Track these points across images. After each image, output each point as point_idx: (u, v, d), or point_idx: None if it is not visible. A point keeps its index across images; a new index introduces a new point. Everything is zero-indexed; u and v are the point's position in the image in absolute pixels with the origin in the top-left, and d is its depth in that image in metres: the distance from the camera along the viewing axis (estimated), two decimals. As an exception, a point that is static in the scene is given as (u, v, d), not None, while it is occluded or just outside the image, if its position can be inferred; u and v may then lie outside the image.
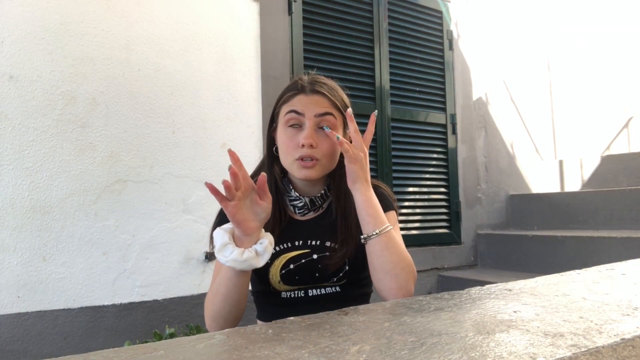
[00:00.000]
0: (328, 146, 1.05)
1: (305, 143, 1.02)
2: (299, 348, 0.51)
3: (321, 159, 1.04)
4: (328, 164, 1.06)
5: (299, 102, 1.06)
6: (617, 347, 0.49)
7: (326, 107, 1.06)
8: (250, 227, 0.89)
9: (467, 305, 0.68)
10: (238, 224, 0.88)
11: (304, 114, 1.05)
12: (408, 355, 0.46)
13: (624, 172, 3.46)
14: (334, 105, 1.08)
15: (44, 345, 1.84)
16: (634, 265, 1.00)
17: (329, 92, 1.09)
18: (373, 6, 2.96)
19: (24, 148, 1.86)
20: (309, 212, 1.12)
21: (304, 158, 1.03)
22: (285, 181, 1.13)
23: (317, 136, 1.04)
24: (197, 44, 2.27)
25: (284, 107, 1.08)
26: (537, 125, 3.90)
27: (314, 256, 1.08)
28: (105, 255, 1.99)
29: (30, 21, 1.89)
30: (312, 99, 1.07)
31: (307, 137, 1.02)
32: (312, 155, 1.02)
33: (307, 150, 1.02)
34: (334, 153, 1.06)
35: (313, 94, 1.07)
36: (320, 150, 1.04)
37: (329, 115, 1.06)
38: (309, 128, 1.03)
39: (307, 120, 1.04)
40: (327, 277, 1.07)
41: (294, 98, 1.08)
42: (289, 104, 1.07)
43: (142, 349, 0.54)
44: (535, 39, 3.96)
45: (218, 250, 0.89)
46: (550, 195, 3.42)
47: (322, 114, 1.05)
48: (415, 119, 3.14)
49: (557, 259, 2.79)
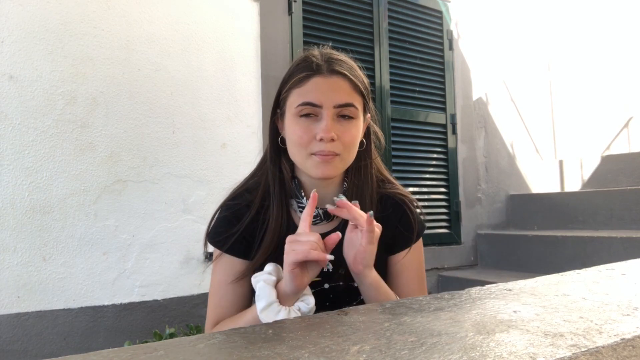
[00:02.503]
0: (350, 137, 0.88)
1: (325, 137, 0.85)
2: (299, 348, 0.51)
3: (342, 153, 0.88)
4: (349, 158, 0.91)
5: (315, 88, 0.88)
6: (617, 347, 0.49)
7: (348, 93, 0.89)
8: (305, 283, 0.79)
9: (467, 305, 0.68)
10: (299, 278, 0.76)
11: (322, 105, 0.86)
12: (408, 355, 0.46)
13: (624, 172, 3.46)
14: (356, 90, 0.90)
15: (44, 345, 1.84)
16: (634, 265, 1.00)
17: (350, 73, 0.91)
18: (373, 6, 2.96)
19: (24, 148, 1.86)
20: (322, 221, 0.96)
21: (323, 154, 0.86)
22: (295, 183, 0.95)
23: (337, 126, 0.87)
24: (197, 44, 2.27)
25: (294, 92, 0.89)
26: (537, 125, 3.90)
27: (326, 285, 0.93)
28: (105, 255, 1.99)
29: (30, 21, 1.89)
30: (331, 82, 0.88)
31: (327, 130, 0.85)
32: (333, 151, 0.86)
33: (326, 145, 0.86)
34: (355, 145, 0.91)
35: (332, 75, 0.88)
36: (342, 143, 0.87)
37: (350, 107, 0.88)
38: (327, 118, 0.86)
39: (324, 111, 0.86)
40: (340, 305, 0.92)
41: (308, 82, 0.88)
42: (302, 90, 0.88)
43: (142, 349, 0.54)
44: (535, 39, 3.96)
45: (262, 309, 0.77)
46: (550, 195, 3.42)
47: (343, 104, 0.87)
48: (415, 119, 3.14)
49: (557, 259, 2.79)
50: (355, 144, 0.91)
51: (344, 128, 0.88)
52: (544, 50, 4.05)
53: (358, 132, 0.91)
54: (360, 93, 0.91)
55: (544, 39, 4.06)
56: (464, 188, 3.34)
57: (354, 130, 0.89)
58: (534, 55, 3.96)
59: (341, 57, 0.94)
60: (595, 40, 4.46)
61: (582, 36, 4.38)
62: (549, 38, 4.10)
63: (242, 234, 0.94)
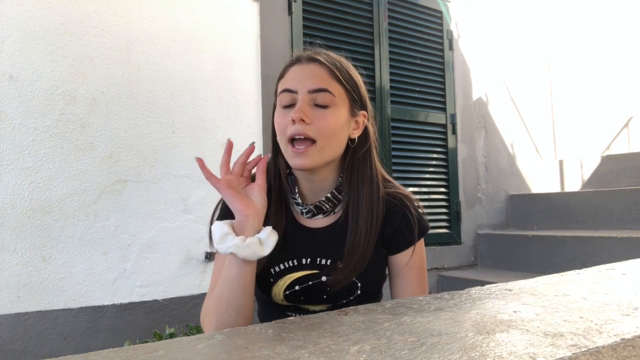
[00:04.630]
0: (325, 123, 0.87)
1: (295, 117, 0.86)
2: (299, 348, 0.51)
3: (318, 139, 0.87)
4: (327, 147, 0.89)
5: (293, 75, 0.91)
6: (617, 347, 0.49)
7: (323, 79, 0.89)
8: (250, 206, 0.84)
9: (467, 305, 0.68)
10: (236, 201, 0.84)
11: (297, 90, 0.88)
12: (408, 355, 0.46)
13: (624, 172, 3.45)
14: (334, 78, 0.90)
15: (44, 345, 1.84)
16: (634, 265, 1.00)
17: (329, 61, 0.91)
18: (373, 6, 2.96)
19: (24, 148, 1.85)
20: (317, 215, 0.97)
21: (295, 137, 0.87)
22: (291, 179, 0.97)
23: (311, 112, 0.87)
24: (197, 44, 2.27)
25: (279, 84, 0.94)
26: (537, 125, 3.90)
27: (323, 278, 0.93)
28: (105, 255, 1.99)
29: (30, 21, 1.88)
30: (307, 69, 0.90)
31: (297, 110, 0.86)
32: (305, 133, 0.86)
33: (297, 127, 0.86)
34: (334, 133, 0.89)
35: (309, 63, 0.91)
36: (316, 127, 0.87)
37: (324, 92, 0.88)
38: (300, 102, 0.87)
39: (299, 96, 0.88)
40: (336, 298, 0.94)
41: (289, 71, 0.93)
42: (283, 80, 0.92)
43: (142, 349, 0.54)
44: (535, 39, 3.96)
45: (218, 241, 0.82)
46: (550, 195, 3.42)
47: (316, 89, 0.88)
48: (415, 119, 3.14)
49: (557, 259, 2.79)
50: (333, 133, 0.89)
51: (318, 114, 0.88)
52: (543, 51, 4.05)
53: (336, 120, 0.89)
54: (339, 81, 0.90)
55: (544, 39, 4.06)
56: (464, 188, 3.34)
57: (330, 117, 0.88)
58: (534, 55, 3.96)
59: (328, 52, 0.95)
60: (595, 41, 4.46)
61: (582, 36, 4.38)
62: (549, 38, 4.10)
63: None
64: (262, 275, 0.94)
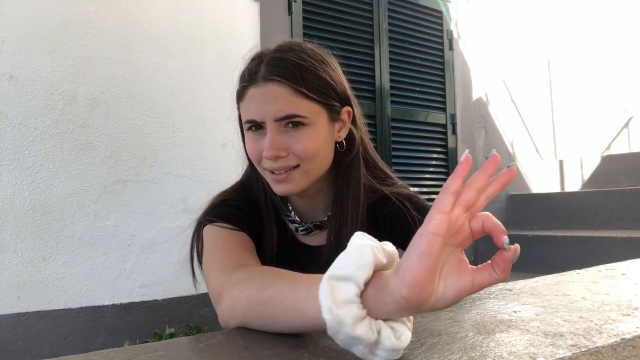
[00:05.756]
0: (302, 147, 0.77)
1: (268, 156, 0.76)
2: (299, 348, 0.51)
3: (302, 164, 0.78)
4: (312, 169, 0.80)
5: (253, 101, 0.78)
6: (617, 347, 0.49)
7: (288, 102, 0.76)
8: (428, 291, 0.40)
9: (467, 305, 0.68)
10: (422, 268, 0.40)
11: (263, 120, 0.77)
12: (408, 355, 0.46)
13: (624, 172, 3.45)
14: (300, 94, 0.77)
15: (44, 345, 1.84)
16: (634, 265, 1.00)
17: (289, 75, 0.76)
18: (373, 6, 2.96)
19: (24, 148, 1.85)
20: (313, 231, 0.89)
21: (274, 171, 0.78)
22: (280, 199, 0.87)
23: (284, 139, 0.77)
24: (197, 44, 2.27)
25: (240, 107, 0.82)
26: (537, 125, 3.90)
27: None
28: (105, 255, 1.99)
29: (30, 21, 1.88)
30: (267, 93, 0.76)
31: (269, 148, 0.75)
32: (285, 167, 0.77)
33: (274, 163, 0.77)
34: (315, 152, 0.79)
35: (266, 84, 0.76)
36: (295, 154, 0.77)
37: (293, 117, 0.76)
38: (269, 133, 0.76)
39: (267, 125, 0.77)
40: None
41: (246, 95, 0.79)
42: (243, 105, 0.80)
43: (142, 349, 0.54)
44: (535, 39, 3.96)
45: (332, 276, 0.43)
46: (550, 195, 3.42)
47: (282, 117, 0.76)
48: (415, 119, 3.14)
49: (557, 259, 2.79)
50: (315, 152, 0.78)
51: (293, 139, 0.77)
52: (544, 50, 4.05)
53: (315, 139, 0.78)
54: (306, 97, 0.77)
55: (544, 39, 4.06)
56: (464, 188, 3.34)
57: (307, 138, 0.77)
58: (534, 55, 3.96)
59: (285, 55, 0.79)
60: (595, 40, 4.46)
61: (582, 36, 4.38)
62: (549, 38, 4.10)
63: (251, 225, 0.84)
64: None
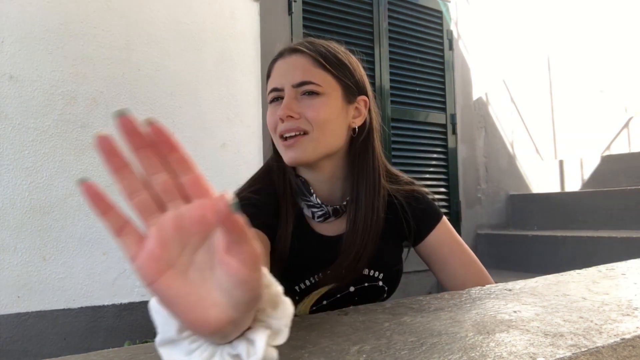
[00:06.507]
0: (314, 113, 0.81)
1: (281, 115, 0.81)
2: (299, 348, 0.51)
3: (311, 131, 0.81)
4: (322, 137, 0.82)
5: (277, 72, 0.86)
6: (617, 347, 0.49)
7: (306, 70, 0.83)
8: (204, 318, 0.35)
9: (467, 305, 0.68)
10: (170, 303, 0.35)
11: (282, 87, 0.84)
12: (408, 355, 0.46)
13: (624, 172, 3.45)
14: (319, 65, 0.84)
15: (44, 345, 1.84)
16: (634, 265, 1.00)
17: (311, 49, 0.85)
18: (373, 6, 2.96)
19: (24, 148, 1.85)
20: (330, 217, 0.90)
21: (284, 135, 0.82)
22: (302, 180, 0.89)
23: (298, 104, 0.82)
24: (197, 44, 2.27)
25: (268, 82, 0.89)
26: (537, 125, 3.90)
27: (351, 289, 0.88)
28: (105, 255, 1.99)
29: (30, 21, 1.88)
30: (290, 62, 0.85)
31: (282, 107, 0.81)
32: (295, 128, 0.81)
33: (286, 125, 0.81)
34: (327, 121, 0.82)
35: (290, 55, 0.85)
36: (306, 119, 0.81)
37: (308, 84, 0.82)
38: (286, 98, 0.82)
39: (285, 92, 0.83)
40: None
41: (273, 67, 0.88)
42: (270, 79, 0.88)
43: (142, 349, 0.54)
44: (535, 39, 3.96)
45: (160, 342, 0.40)
46: (550, 195, 3.42)
47: (299, 83, 0.82)
48: (415, 119, 3.14)
49: (557, 259, 2.79)
50: (326, 122, 0.82)
51: (306, 104, 0.82)
52: (544, 50, 4.05)
53: (327, 108, 0.83)
54: (324, 68, 0.84)
55: (544, 39, 4.06)
56: (464, 188, 3.34)
57: (320, 105, 0.82)
58: (534, 55, 3.96)
59: (314, 40, 0.89)
60: (595, 40, 4.46)
61: (582, 36, 4.38)
62: (549, 38, 4.10)
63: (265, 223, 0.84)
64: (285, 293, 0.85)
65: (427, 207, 0.95)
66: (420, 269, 3.21)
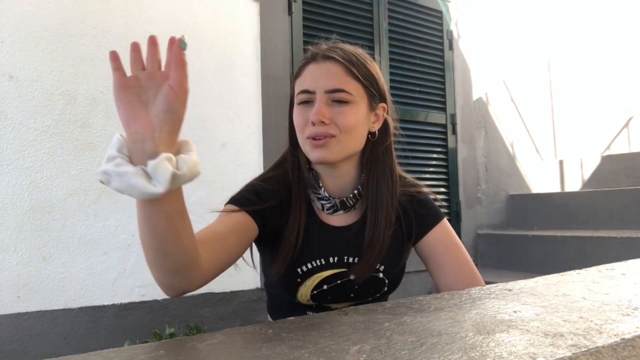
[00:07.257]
0: (344, 120, 0.88)
1: (314, 119, 0.86)
2: (299, 348, 0.51)
3: (338, 135, 0.88)
4: (348, 141, 0.89)
5: (309, 75, 0.91)
6: (617, 347, 0.49)
7: (340, 78, 0.89)
8: (139, 120, 0.59)
9: (467, 305, 0.68)
10: (123, 108, 0.60)
11: (315, 91, 0.89)
12: (408, 355, 0.46)
13: (624, 172, 3.46)
14: (351, 75, 0.90)
15: (44, 345, 1.84)
16: (634, 265, 1.00)
17: (344, 58, 0.91)
18: (373, 6, 2.96)
19: (24, 148, 1.85)
20: (339, 210, 0.97)
21: (315, 137, 0.88)
22: (313, 174, 0.96)
23: (329, 110, 0.88)
24: (197, 44, 2.27)
25: (296, 82, 0.94)
26: (537, 125, 3.90)
27: (351, 277, 0.94)
28: (105, 255, 1.99)
29: (30, 21, 1.88)
30: (323, 68, 0.90)
31: (315, 113, 0.86)
32: (325, 133, 0.87)
33: (317, 129, 0.87)
34: (354, 129, 0.89)
35: (325, 61, 0.91)
36: (335, 125, 0.88)
37: (341, 92, 0.88)
38: (318, 102, 0.88)
39: (317, 96, 0.89)
40: (364, 296, 0.96)
41: (304, 70, 0.93)
42: (300, 79, 0.93)
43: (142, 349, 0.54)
44: (535, 39, 3.96)
45: (105, 160, 0.59)
46: (550, 195, 3.42)
47: (332, 90, 0.88)
48: (415, 119, 3.14)
49: (557, 259, 2.79)
50: (353, 128, 0.89)
51: (337, 111, 0.88)
52: (544, 50, 4.05)
53: (355, 117, 0.90)
54: (355, 78, 0.91)
55: (544, 39, 4.06)
56: (464, 188, 3.34)
57: (349, 113, 0.89)
58: (534, 55, 3.96)
59: (343, 46, 0.96)
60: (595, 41, 4.46)
61: (582, 36, 4.38)
62: (549, 38, 4.10)
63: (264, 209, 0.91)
64: (288, 276, 0.93)
65: (429, 208, 1.00)
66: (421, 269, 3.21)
